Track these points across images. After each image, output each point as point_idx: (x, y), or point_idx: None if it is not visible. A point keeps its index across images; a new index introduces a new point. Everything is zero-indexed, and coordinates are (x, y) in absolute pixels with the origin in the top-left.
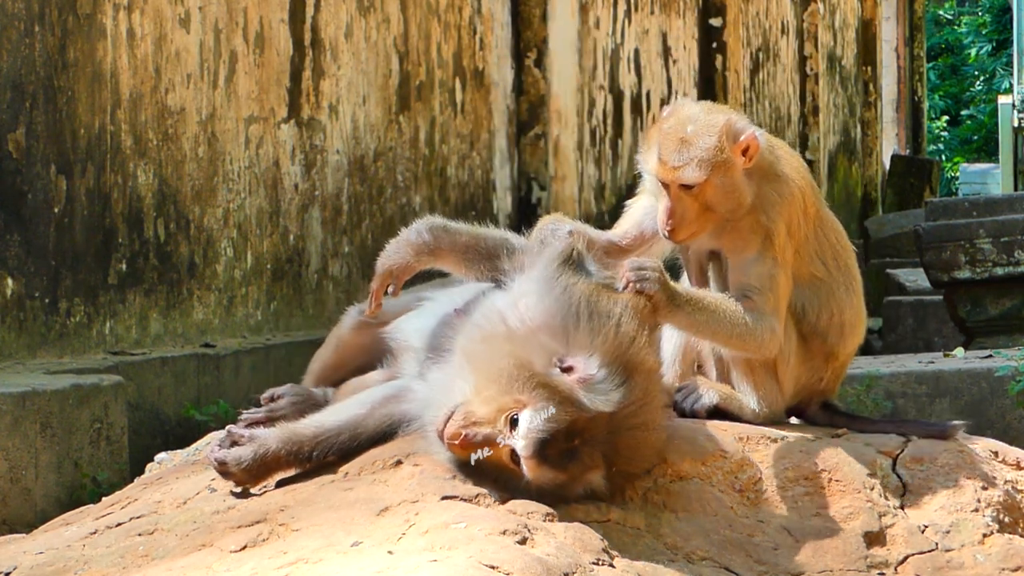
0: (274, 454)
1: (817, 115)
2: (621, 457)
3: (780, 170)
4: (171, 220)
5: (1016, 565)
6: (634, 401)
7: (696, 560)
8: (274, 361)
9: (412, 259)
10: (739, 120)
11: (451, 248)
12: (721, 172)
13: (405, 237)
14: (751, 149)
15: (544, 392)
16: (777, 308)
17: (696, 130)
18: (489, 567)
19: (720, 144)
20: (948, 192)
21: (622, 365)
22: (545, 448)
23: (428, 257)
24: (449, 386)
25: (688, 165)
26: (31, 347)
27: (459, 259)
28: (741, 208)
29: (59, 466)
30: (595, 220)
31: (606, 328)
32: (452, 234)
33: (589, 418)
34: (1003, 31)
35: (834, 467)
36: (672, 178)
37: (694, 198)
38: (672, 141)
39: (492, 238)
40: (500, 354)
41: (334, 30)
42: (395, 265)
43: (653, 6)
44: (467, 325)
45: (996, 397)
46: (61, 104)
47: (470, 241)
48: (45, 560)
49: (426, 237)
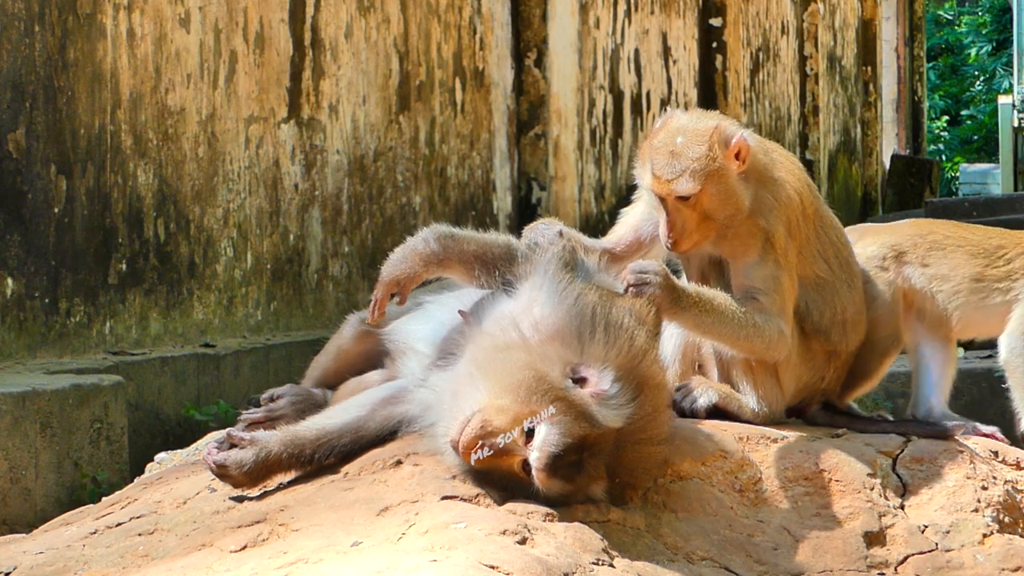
0: (276, 457)
1: (817, 115)
2: (624, 469)
3: (775, 173)
4: (171, 220)
5: (1016, 565)
6: (643, 416)
7: (696, 560)
8: (274, 361)
9: (420, 269)
10: (728, 125)
11: (459, 258)
12: (715, 180)
13: (412, 246)
14: (743, 152)
15: (560, 406)
16: (784, 309)
17: (686, 141)
18: (489, 567)
19: (711, 152)
20: (948, 192)
21: (634, 380)
22: (557, 461)
23: (436, 267)
24: (459, 393)
25: (681, 177)
26: (31, 347)
27: (467, 268)
28: (740, 213)
29: (59, 466)
30: (595, 220)
31: (620, 341)
32: (460, 243)
33: (599, 432)
34: (1003, 31)
35: (834, 467)
36: (667, 191)
37: (692, 208)
38: (663, 155)
39: (499, 245)
40: (515, 364)
41: (334, 30)
42: (402, 274)
43: (653, 6)
44: (477, 332)
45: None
46: (61, 104)
47: (478, 250)
48: (45, 560)
49: (434, 247)
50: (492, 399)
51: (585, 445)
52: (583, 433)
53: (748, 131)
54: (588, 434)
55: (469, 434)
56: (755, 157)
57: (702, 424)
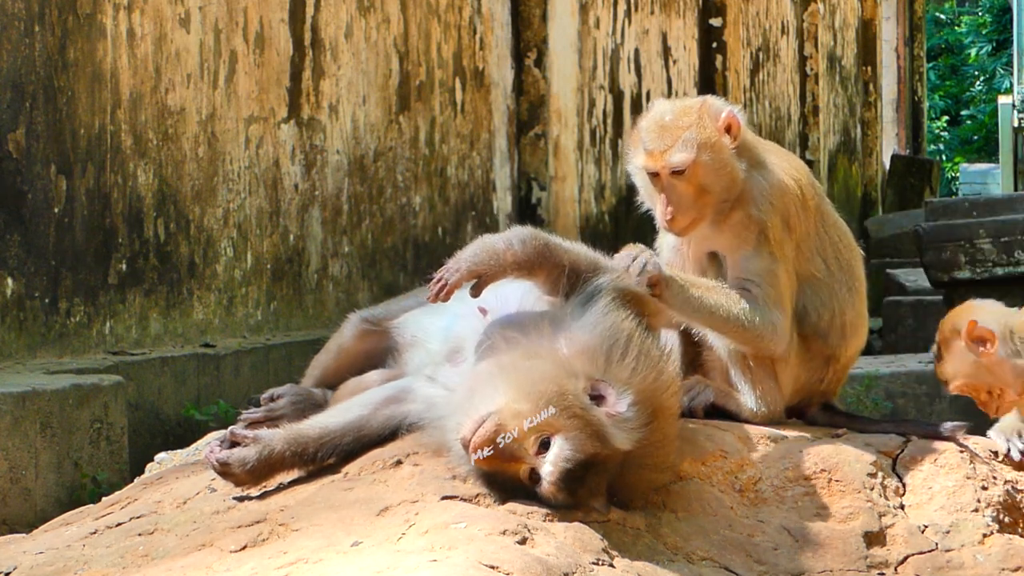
0: (279, 455)
1: (817, 115)
2: (624, 489)
3: (767, 158)
4: (171, 220)
5: (1016, 565)
6: (652, 443)
7: (696, 560)
8: (274, 361)
9: (509, 271)
10: (716, 101)
11: (548, 268)
12: (707, 150)
13: (504, 246)
14: (733, 127)
15: (577, 422)
16: (779, 302)
17: (675, 115)
18: (489, 567)
19: (701, 122)
20: (948, 192)
21: (650, 407)
22: (568, 476)
23: (523, 272)
24: (476, 391)
25: (673, 147)
26: (31, 347)
27: (550, 278)
28: (736, 185)
29: (59, 466)
30: (595, 220)
31: (647, 371)
32: (554, 253)
33: (608, 453)
34: (1003, 31)
35: (834, 467)
36: (661, 164)
37: (687, 183)
38: (654, 131)
39: (588, 260)
40: (540, 373)
41: (334, 30)
42: (487, 270)
43: (653, 6)
44: (505, 333)
45: None
46: (61, 104)
47: (568, 263)
48: (45, 560)
49: (529, 252)
50: (510, 403)
51: (593, 463)
52: (594, 451)
53: (738, 107)
54: (598, 452)
55: (483, 434)
56: (746, 138)
57: (702, 424)
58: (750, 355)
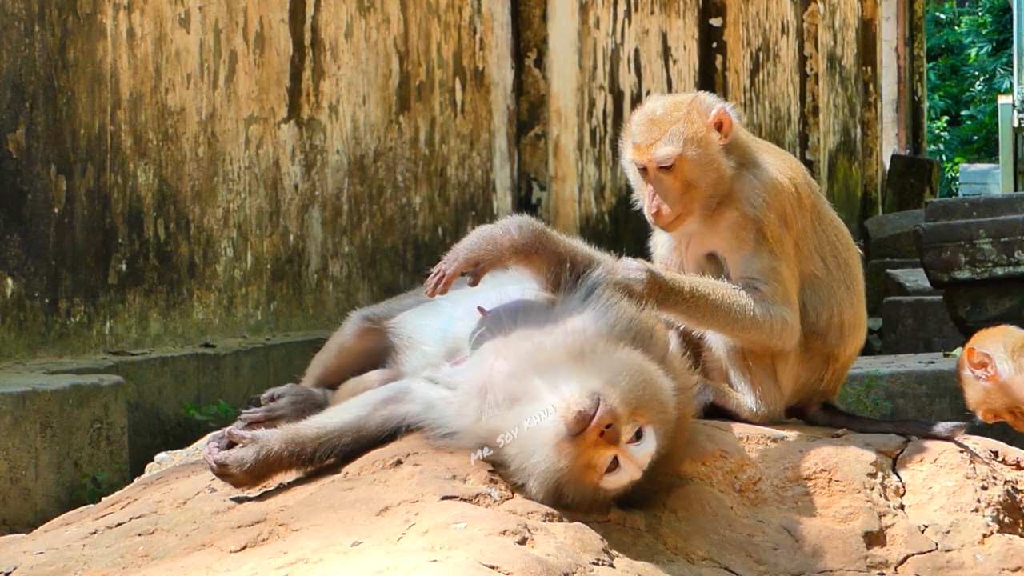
0: (277, 455)
1: (817, 115)
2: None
3: (760, 156)
4: (171, 220)
5: (1016, 565)
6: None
7: (696, 560)
8: (274, 361)
9: (508, 256)
10: (708, 97)
11: (546, 255)
12: (694, 145)
13: (502, 232)
14: (725, 124)
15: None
16: (787, 298)
17: (665, 110)
18: (489, 567)
19: (690, 117)
20: (948, 192)
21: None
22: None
23: (520, 258)
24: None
25: (659, 141)
26: (31, 347)
27: (545, 267)
28: (723, 181)
29: (59, 466)
30: (595, 220)
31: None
32: (551, 241)
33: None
34: (1003, 31)
35: (834, 467)
36: (648, 158)
37: (674, 177)
38: (643, 124)
39: (584, 255)
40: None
41: (334, 30)
42: (485, 256)
43: (653, 6)
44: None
45: None
46: (61, 104)
47: (565, 253)
48: (45, 560)
49: (527, 237)
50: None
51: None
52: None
53: (730, 105)
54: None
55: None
56: (739, 135)
57: (702, 424)
58: (751, 354)
